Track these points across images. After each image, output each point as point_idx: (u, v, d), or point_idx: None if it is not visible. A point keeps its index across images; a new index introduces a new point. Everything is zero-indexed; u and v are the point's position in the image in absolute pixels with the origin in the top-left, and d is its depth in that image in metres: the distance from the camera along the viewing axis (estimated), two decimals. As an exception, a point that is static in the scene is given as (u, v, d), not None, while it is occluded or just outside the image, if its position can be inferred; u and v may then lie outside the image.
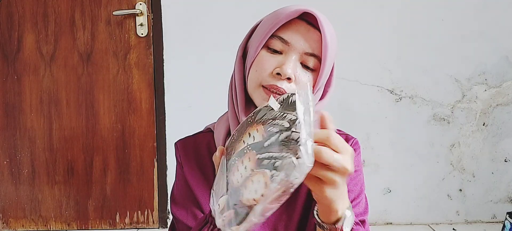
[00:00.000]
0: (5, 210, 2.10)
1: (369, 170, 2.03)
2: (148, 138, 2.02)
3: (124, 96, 2.00)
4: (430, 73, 1.98)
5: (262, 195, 0.46)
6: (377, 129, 2.02)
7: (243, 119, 0.70)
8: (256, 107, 0.71)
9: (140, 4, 1.93)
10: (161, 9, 1.95)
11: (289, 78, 0.68)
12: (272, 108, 0.52)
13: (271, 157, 0.47)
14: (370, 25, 1.96)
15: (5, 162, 2.07)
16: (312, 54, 0.69)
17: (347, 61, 1.96)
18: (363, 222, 0.75)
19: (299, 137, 0.45)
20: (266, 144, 0.49)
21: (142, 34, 1.96)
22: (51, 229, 2.10)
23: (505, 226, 1.79)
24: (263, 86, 0.70)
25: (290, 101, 0.50)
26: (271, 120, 0.50)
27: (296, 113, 0.47)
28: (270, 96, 0.57)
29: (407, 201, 2.06)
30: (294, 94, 0.50)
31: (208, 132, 0.84)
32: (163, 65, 1.98)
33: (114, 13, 1.92)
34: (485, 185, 2.06)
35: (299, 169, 0.44)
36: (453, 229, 2.02)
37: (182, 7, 1.95)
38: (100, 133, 2.02)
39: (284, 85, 0.67)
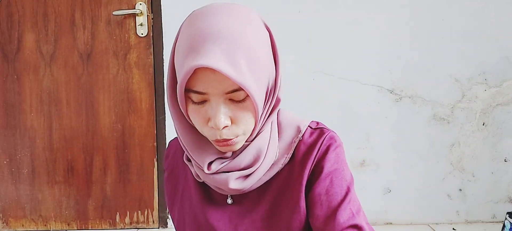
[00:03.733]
0: (5, 210, 2.10)
1: (369, 170, 2.03)
2: (148, 137, 2.02)
3: (124, 96, 2.00)
4: (430, 73, 1.98)
5: None
6: (377, 129, 2.02)
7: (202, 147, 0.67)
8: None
9: (140, 4, 1.93)
10: (161, 9, 1.95)
11: (226, 126, 0.61)
12: None
13: None
14: (370, 25, 1.96)
15: (5, 162, 2.07)
16: (234, 90, 0.59)
17: (347, 61, 1.97)
18: (356, 226, 0.66)
19: None
20: None
21: (142, 34, 1.96)
22: (51, 229, 2.10)
23: (505, 226, 1.79)
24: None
25: None
26: None
27: None
28: None
29: (407, 201, 2.06)
30: None
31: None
32: (163, 65, 1.98)
33: (114, 13, 1.92)
34: (485, 185, 2.06)
35: None
36: (453, 229, 2.02)
37: (182, 7, 1.95)
38: (100, 133, 2.02)
39: (225, 133, 0.62)
